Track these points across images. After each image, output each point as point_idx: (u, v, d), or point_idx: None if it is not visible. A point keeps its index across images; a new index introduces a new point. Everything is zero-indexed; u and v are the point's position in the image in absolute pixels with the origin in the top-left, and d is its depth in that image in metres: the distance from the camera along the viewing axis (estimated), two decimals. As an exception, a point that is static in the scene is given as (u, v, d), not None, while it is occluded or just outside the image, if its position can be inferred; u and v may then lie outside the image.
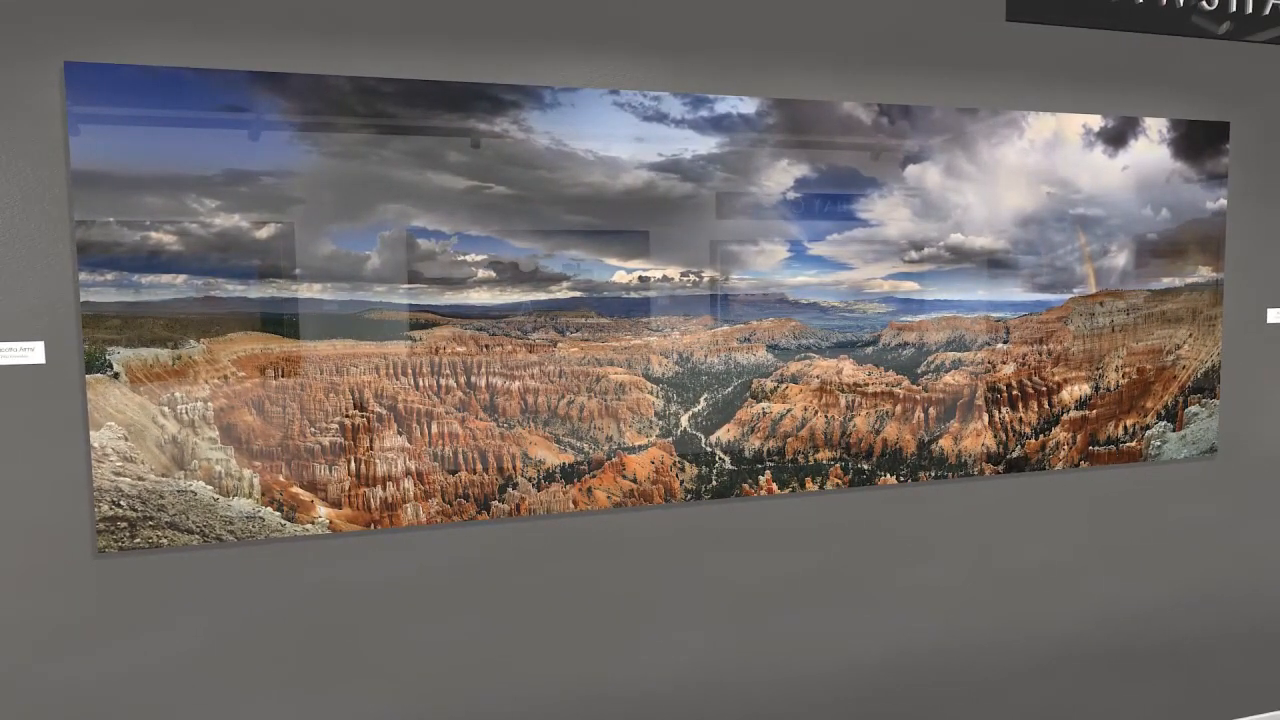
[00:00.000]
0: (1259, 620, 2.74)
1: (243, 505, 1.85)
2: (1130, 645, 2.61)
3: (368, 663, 1.98)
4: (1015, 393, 2.40)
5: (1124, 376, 2.49)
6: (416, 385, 1.95)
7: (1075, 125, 2.37)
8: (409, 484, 1.95)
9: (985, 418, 2.38)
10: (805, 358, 2.23)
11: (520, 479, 2.03)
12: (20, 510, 1.75)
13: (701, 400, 2.16)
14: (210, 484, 1.82)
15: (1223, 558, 2.68)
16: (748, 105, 2.09)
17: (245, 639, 1.89)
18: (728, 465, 2.18)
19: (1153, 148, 2.44)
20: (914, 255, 2.27)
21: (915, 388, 2.31)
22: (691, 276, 2.11)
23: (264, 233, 1.82)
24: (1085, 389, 2.46)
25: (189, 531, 1.82)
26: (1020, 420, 2.41)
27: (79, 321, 1.74)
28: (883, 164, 2.22)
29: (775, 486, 2.22)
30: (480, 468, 2.00)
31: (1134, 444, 2.52)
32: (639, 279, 2.07)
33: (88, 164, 1.71)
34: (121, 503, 1.78)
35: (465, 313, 1.96)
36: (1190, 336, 2.55)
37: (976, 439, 2.38)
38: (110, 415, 1.76)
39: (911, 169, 2.24)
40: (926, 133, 2.24)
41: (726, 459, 2.18)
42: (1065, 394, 2.44)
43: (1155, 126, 2.44)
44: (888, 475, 2.31)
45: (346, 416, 1.90)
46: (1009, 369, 2.39)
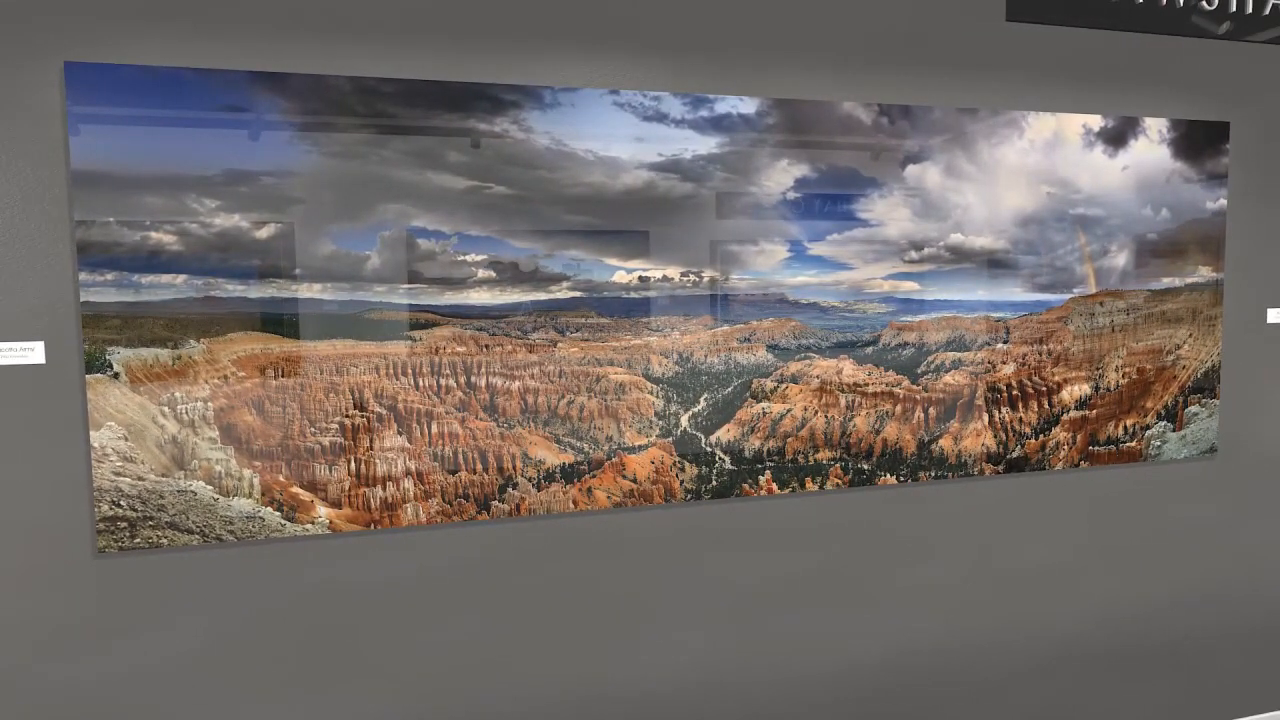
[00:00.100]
0: (1259, 620, 2.74)
1: (243, 505, 1.85)
2: (1130, 645, 2.61)
3: (368, 663, 1.98)
4: (1015, 393, 2.40)
5: (1124, 376, 2.49)
6: (416, 385, 1.95)
7: (1075, 125, 2.37)
8: (409, 484, 1.95)
9: (985, 418, 2.38)
10: (805, 358, 2.23)
11: (520, 479, 2.03)
12: (20, 510, 1.75)
13: (701, 400, 2.16)
14: (210, 484, 1.82)
15: (1223, 558, 2.68)
16: (748, 105, 2.09)
17: (245, 639, 1.89)
18: (728, 465, 2.18)
19: (1153, 148, 2.44)
20: (914, 255, 2.27)
21: (915, 388, 2.31)
22: (691, 276, 2.11)
23: (264, 233, 1.82)
24: (1085, 389, 2.46)
25: (189, 531, 1.82)
26: (1020, 420, 2.41)
27: (79, 321, 1.74)
28: (883, 164, 2.22)
29: (775, 486, 2.22)
30: (480, 468, 2.00)
31: (1134, 444, 2.52)
32: (639, 279, 2.07)
33: (88, 164, 1.71)
34: (121, 503, 1.78)
35: (465, 313, 1.96)
36: (1190, 336, 2.55)
37: (976, 439, 2.38)
38: (110, 415, 1.76)
39: (911, 169, 2.24)
40: (926, 133, 2.24)
41: (726, 459, 2.18)
42: (1065, 394, 2.44)
43: (1155, 126, 2.44)
44: (888, 475, 2.31)
45: (346, 416, 1.90)
46: (1009, 369, 2.39)
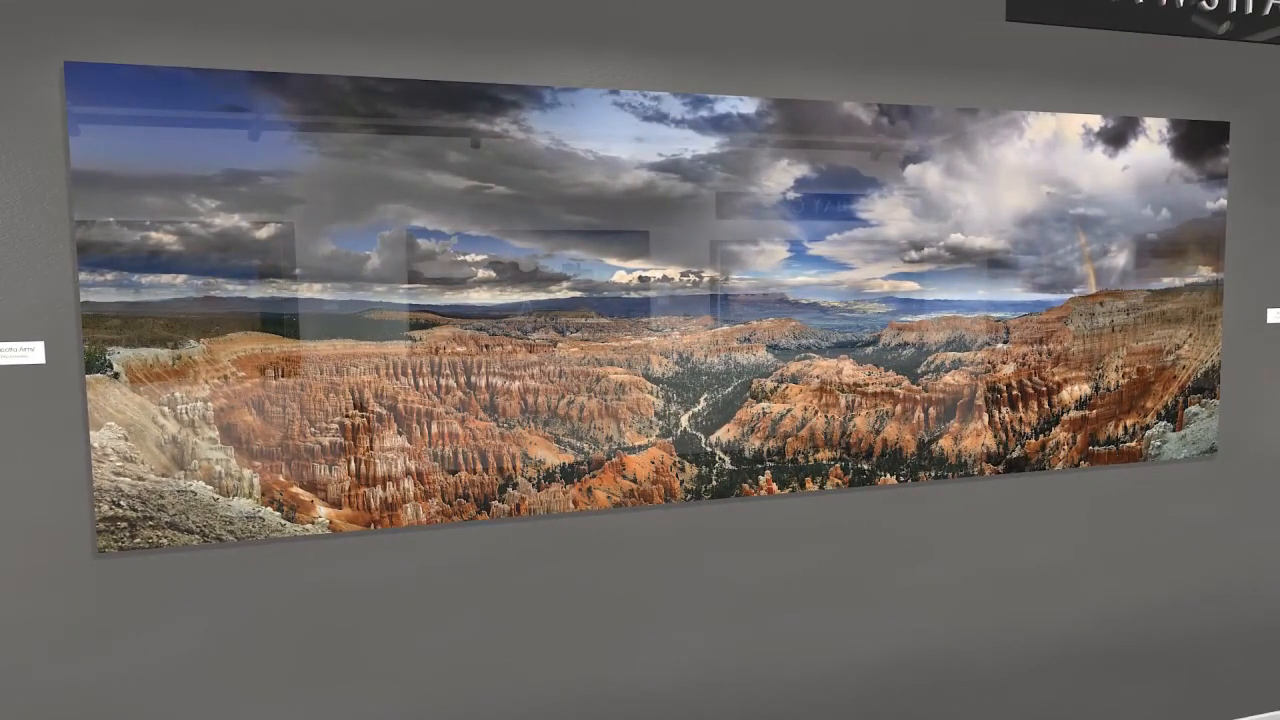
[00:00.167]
0: (1259, 620, 2.74)
1: (243, 505, 1.85)
2: (1130, 645, 2.61)
3: (368, 663, 1.98)
4: (1015, 393, 2.40)
5: (1124, 376, 2.49)
6: (416, 385, 1.95)
7: (1075, 125, 2.36)
8: (409, 484, 1.95)
9: (985, 418, 2.38)
10: (805, 358, 2.23)
11: (520, 479, 2.03)
12: (20, 510, 1.75)
13: (701, 400, 2.16)
14: (210, 484, 1.82)
15: (1223, 558, 2.68)
16: (748, 105, 2.09)
17: (245, 639, 1.89)
18: (728, 465, 2.18)
19: (1153, 148, 2.44)
20: (914, 255, 2.27)
21: (915, 388, 2.31)
22: (691, 276, 2.11)
23: (264, 233, 1.82)
24: (1085, 389, 2.46)
25: (189, 531, 1.82)
26: (1020, 420, 2.41)
27: (79, 321, 1.74)
28: (883, 164, 2.22)
29: (775, 486, 2.22)
30: (480, 468, 2.00)
31: (1134, 444, 2.52)
32: (639, 279, 2.07)
33: (88, 164, 1.71)
34: (121, 503, 1.78)
35: (465, 313, 1.96)
36: (1190, 336, 2.55)
37: (976, 439, 2.38)
38: (110, 415, 1.76)
39: (911, 169, 2.24)
40: (926, 133, 2.24)
41: (726, 459, 2.18)
42: (1065, 394, 2.44)
43: (1155, 126, 2.43)
44: (888, 475, 2.31)
45: (346, 416, 1.90)
46: (1009, 369, 2.39)
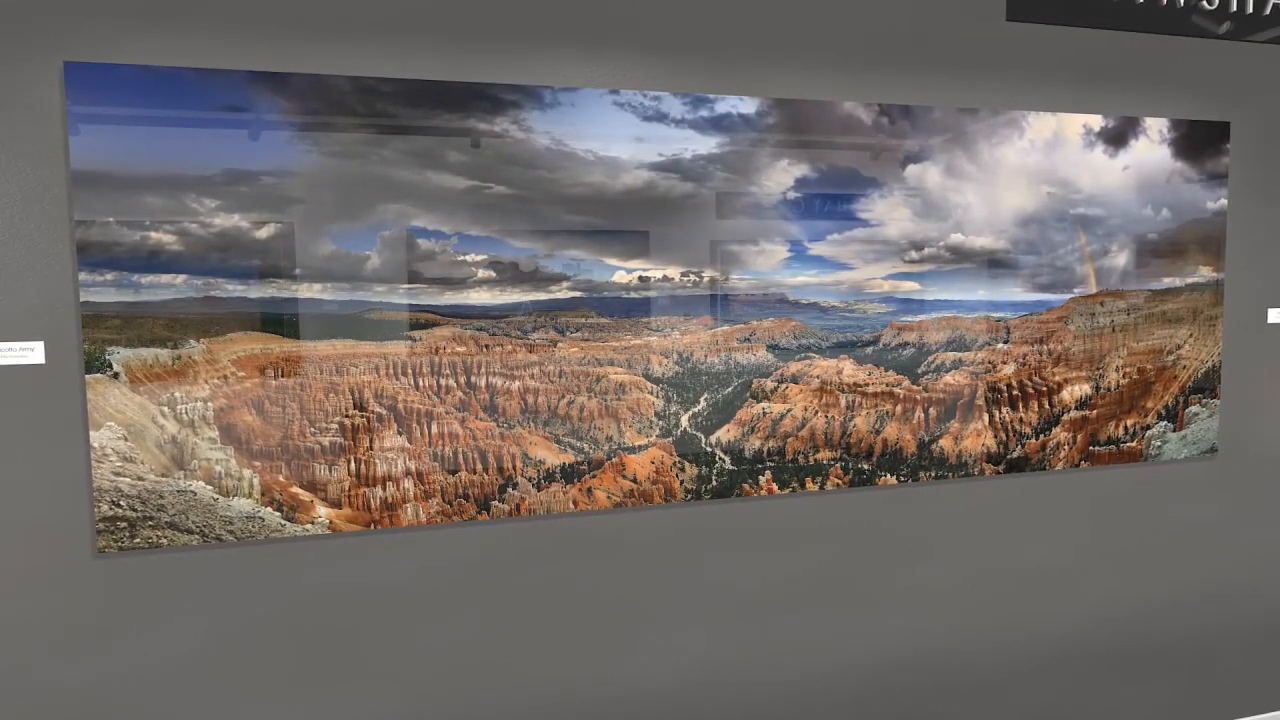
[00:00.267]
0: (1259, 620, 2.74)
1: (242, 505, 1.85)
2: (1131, 645, 2.61)
3: (368, 663, 1.98)
4: (1015, 393, 2.40)
5: (1124, 376, 2.49)
6: (416, 385, 1.94)
7: (1076, 125, 2.36)
8: (409, 484, 1.95)
9: (985, 418, 2.38)
10: (805, 358, 2.23)
11: (520, 479, 2.03)
12: (20, 510, 1.75)
13: (701, 400, 2.15)
14: (210, 484, 1.82)
15: (1223, 558, 2.67)
16: (748, 105, 2.09)
17: (245, 639, 1.89)
18: (728, 465, 2.18)
19: (1153, 148, 2.44)
20: (914, 255, 2.27)
21: (915, 388, 2.31)
22: (691, 276, 2.11)
23: (264, 233, 1.82)
24: (1086, 389, 2.46)
25: (189, 531, 1.82)
26: (1020, 420, 2.41)
27: (79, 321, 1.74)
28: (883, 164, 2.21)
29: (775, 486, 2.22)
30: (480, 468, 2.00)
31: (1134, 444, 2.52)
32: (639, 279, 2.07)
33: (87, 164, 1.71)
34: (121, 503, 1.78)
35: (465, 313, 1.96)
36: (1191, 336, 2.55)
37: (977, 439, 2.37)
38: (110, 415, 1.76)
39: (912, 169, 2.24)
40: (927, 133, 2.24)
41: (727, 459, 2.18)
42: (1066, 394, 2.44)
43: (1156, 126, 2.43)
44: (888, 475, 2.31)
45: (346, 416, 1.90)
46: (1009, 369, 2.39)
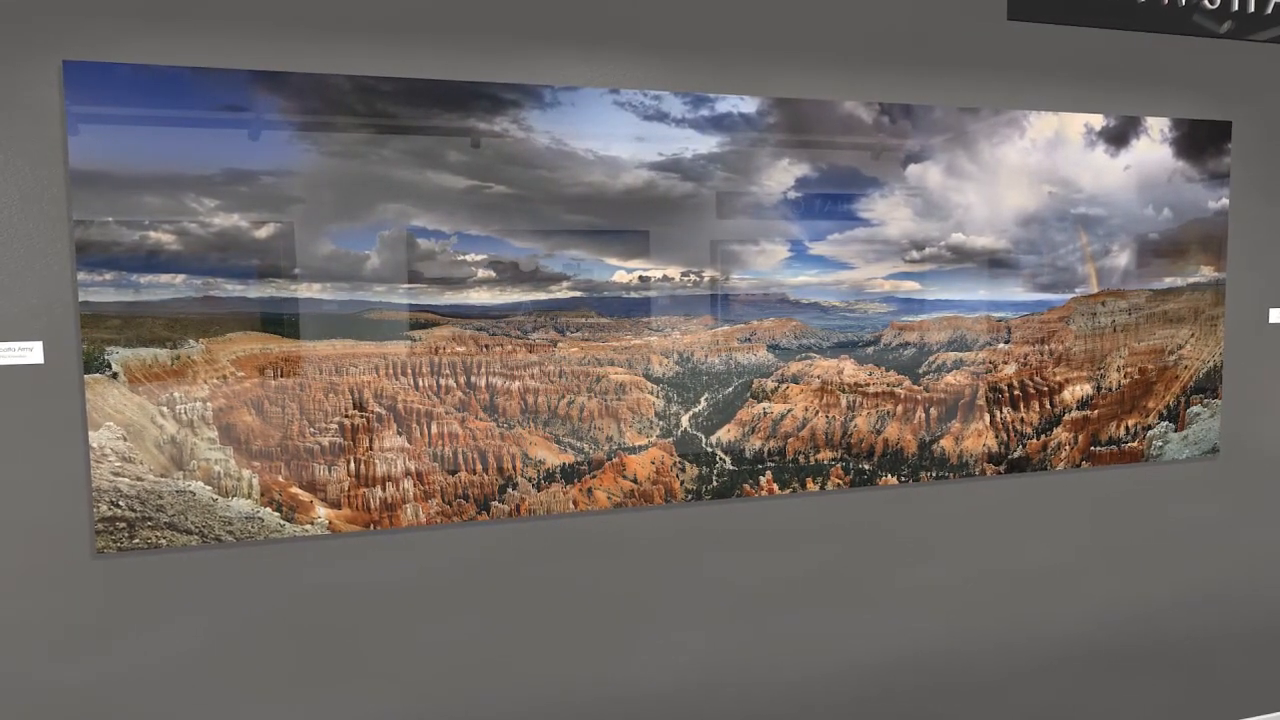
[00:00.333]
0: (1261, 621, 2.73)
1: (242, 506, 1.84)
2: (1132, 646, 2.61)
3: (367, 664, 1.97)
4: (1016, 393, 2.40)
5: (1126, 376, 2.49)
6: (416, 385, 1.94)
7: (1077, 124, 2.36)
8: (409, 484, 1.95)
9: (986, 418, 2.37)
10: (806, 358, 2.22)
11: (520, 479, 2.02)
12: (19, 510, 1.75)
13: (702, 400, 2.15)
14: (209, 484, 1.82)
15: (1224, 558, 2.67)
16: (748, 104, 2.09)
17: (244, 640, 1.89)
18: (728, 465, 2.18)
19: (1155, 147, 2.43)
20: (915, 255, 2.27)
21: (916, 388, 2.31)
22: (692, 276, 2.10)
23: (263, 232, 1.82)
24: (1087, 389, 2.45)
25: (188, 532, 1.82)
26: (1022, 420, 2.41)
27: (77, 321, 1.74)
28: (884, 163, 2.21)
29: (776, 487, 2.22)
30: (480, 468, 1.99)
31: (1136, 444, 2.52)
32: (639, 279, 2.06)
33: (86, 163, 1.71)
34: (120, 503, 1.78)
35: (465, 313, 1.96)
36: (1192, 336, 2.54)
37: (978, 439, 2.37)
38: (109, 415, 1.75)
39: (913, 168, 2.23)
40: (928, 132, 2.23)
41: (727, 459, 2.18)
42: (1067, 394, 2.44)
43: (1157, 126, 2.43)
44: (889, 476, 2.30)
45: (346, 417, 1.90)
46: (1010, 369, 2.38)
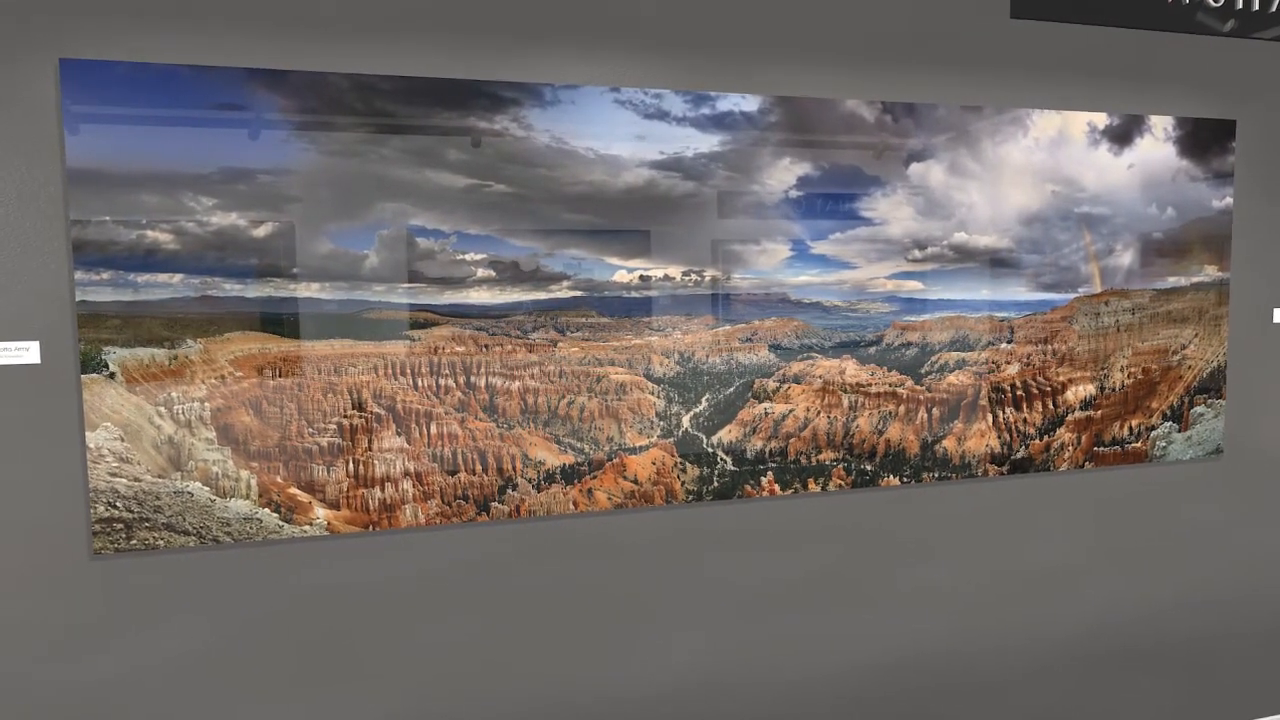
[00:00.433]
0: (1264, 622, 2.72)
1: (240, 506, 1.83)
2: (1135, 647, 2.60)
3: (366, 665, 1.96)
4: (1019, 393, 2.38)
5: (1129, 376, 2.47)
6: (415, 385, 1.93)
7: (1080, 123, 2.35)
8: (408, 485, 1.94)
9: (989, 418, 2.36)
10: (808, 358, 2.21)
11: (520, 480, 2.01)
12: (16, 511, 1.74)
13: (703, 400, 2.14)
14: (207, 485, 1.81)
15: (1228, 559, 2.66)
16: (750, 103, 2.08)
17: (242, 641, 1.88)
18: (729, 466, 2.17)
19: (1158, 146, 2.42)
20: (917, 254, 2.26)
21: (918, 388, 2.30)
22: (693, 276, 2.09)
23: (262, 231, 1.81)
24: (1090, 389, 2.44)
25: (185, 533, 1.81)
26: (1024, 421, 2.40)
27: (74, 321, 1.73)
28: (886, 162, 2.20)
29: (777, 487, 2.21)
30: (480, 469, 1.98)
31: (1139, 445, 2.50)
32: (640, 278, 2.05)
33: (83, 162, 1.70)
34: (117, 504, 1.77)
35: (465, 312, 1.95)
36: (1196, 336, 2.53)
37: (980, 440, 2.36)
38: (106, 415, 1.75)
39: (915, 167, 2.22)
40: (930, 131, 2.22)
41: (728, 460, 2.17)
42: (1070, 394, 2.43)
43: (1161, 124, 2.42)
44: (891, 476, 2.29)
45: (345, 417, 1.89)
46: (1013, 369, 2.37)
